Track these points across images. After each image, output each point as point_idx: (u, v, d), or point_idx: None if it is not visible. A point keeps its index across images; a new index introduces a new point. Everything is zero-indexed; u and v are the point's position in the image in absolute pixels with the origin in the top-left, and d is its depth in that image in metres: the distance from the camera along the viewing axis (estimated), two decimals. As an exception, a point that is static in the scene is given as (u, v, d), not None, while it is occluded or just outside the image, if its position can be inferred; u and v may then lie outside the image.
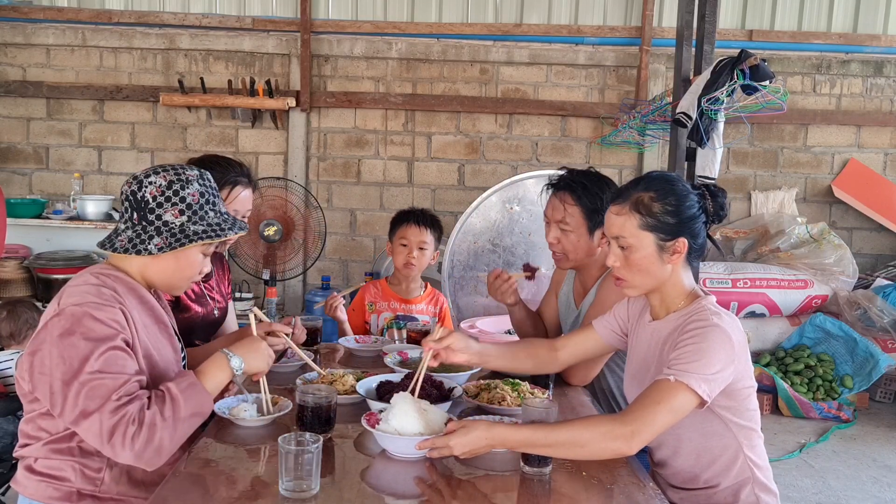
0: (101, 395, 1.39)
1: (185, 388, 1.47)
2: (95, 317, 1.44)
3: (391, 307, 2.88)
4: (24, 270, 4.71)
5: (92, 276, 1.54)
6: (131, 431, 1.38)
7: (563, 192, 2.19)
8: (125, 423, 1.38)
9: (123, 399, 1.40)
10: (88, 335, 1.42)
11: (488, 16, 5.55)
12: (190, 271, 1.62)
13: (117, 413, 1.39)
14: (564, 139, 5.62)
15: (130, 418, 1.39)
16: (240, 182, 2.11)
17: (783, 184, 5.69)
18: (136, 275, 1.60)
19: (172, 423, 1.43)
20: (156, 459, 1.43)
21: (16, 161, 5.59)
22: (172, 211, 1.55)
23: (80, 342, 1.41)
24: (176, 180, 1.56)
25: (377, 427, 1.55)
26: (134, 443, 1.38)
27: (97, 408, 1.38)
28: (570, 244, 2.19)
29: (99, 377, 1.40)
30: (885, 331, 4.69)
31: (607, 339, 1.89)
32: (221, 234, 1.58)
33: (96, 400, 1.39)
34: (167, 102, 5.31)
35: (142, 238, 1.54)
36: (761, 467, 1.67)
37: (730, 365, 1.52)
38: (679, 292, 1.68)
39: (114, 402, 1.39)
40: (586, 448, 1.46)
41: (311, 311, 5.10)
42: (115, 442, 1.38)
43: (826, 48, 5.57)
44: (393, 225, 2.90)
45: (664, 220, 1.62)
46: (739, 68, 3.02)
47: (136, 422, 1.39)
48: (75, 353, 1.41)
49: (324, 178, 5.64)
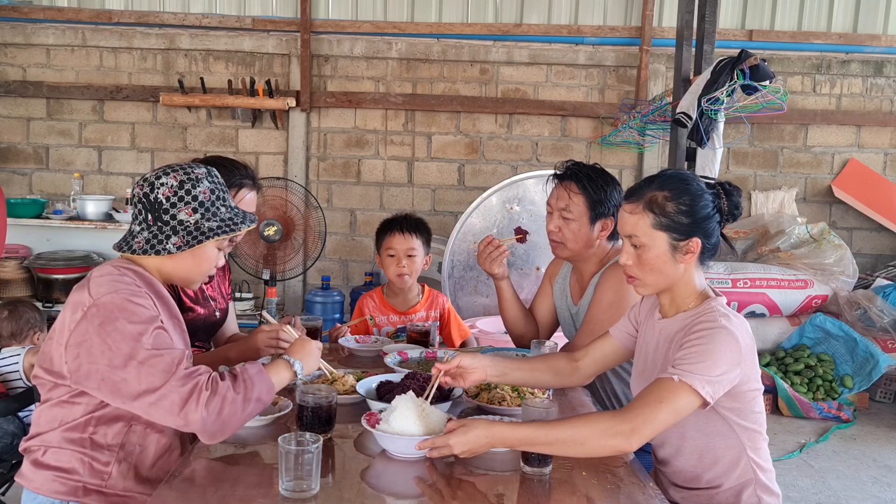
0: (165, 369, 1.42)
1: (257, 373, 1.53)
2: (135, 301, 1.48)
3: (390, 321, 2.81)
4: (24, 270, 4.71)
5: (115, 268, 1.56)
6: (205, 396, 1.41)
7: (569, 181, 2.22)
8: (199, 389, 1.42)
9: (190, 371, 1.44)
10: (132, 318, 1.45)
11: (488, 16, 5.55)
12: (207, 266, 1.66)
13: (189, 380, 1.42)
14: (564, 139, 5.62)
15: (203, 384, 1.43)
16: (245, 184, 2.12)
17: (783, 184, 5.69)
18: (154, 271, 1.63)
19: (242, 401, 1.47)
20: (220, 432, 1.45)
21: (16, 161, 5.59)
22: (186, 210, 1.58)
23: (126, 326, 1.44)
24: (186, 179, 1.59)
25: (377, 427, 1.55)
26: (208, 407, 1.41)
27: (164, 381, 1.41)
28: (571, 233, 2.21)
29: (156, 353, 1.43)
30: (885, 331, 4.69)
31: (625, 343, 1.87)
32: (235, 228, 1.62)
33: (161, 374, 1.41)
34: (167, 102, 5.31)
35: (159, 238, 1.57)
36: (764, 469, 1.66)
37: (735, 367, 1.52)
38: (690, 292, 1.67)
39: (182, 371, 1.43)
40: (586, 445, 1.45)
41: (312, 311, 5.11)
42: (189, 408, 1.40)
43: (826, 48, 5.58)
44: (378, 236, 2.82)
45: (678, 219, 1.60)
46: (739, 68, 3.02)
47: (209, 388, 1.43)
48: (123, 336, 1.43)
49: (324, 178, 5.64)
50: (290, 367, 1.64)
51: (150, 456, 1.61)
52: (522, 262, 3.82)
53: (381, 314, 2.83)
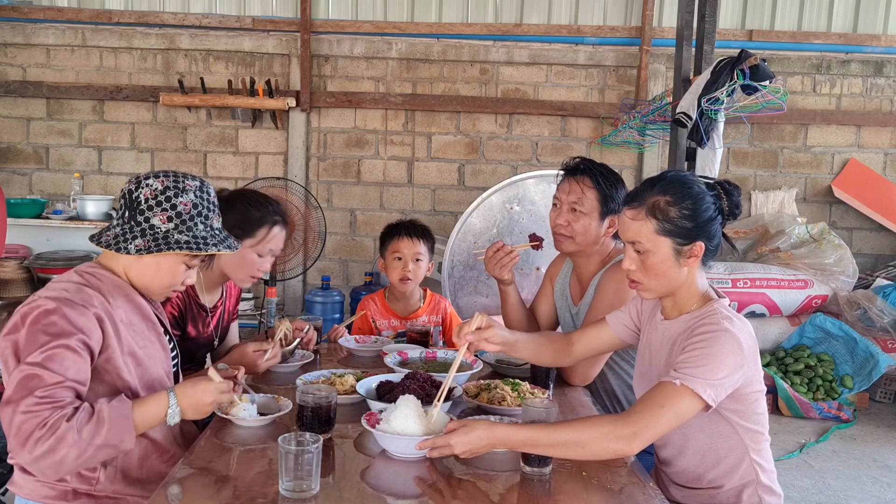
0: (27, 388, 1.38)
1: (116, 417, 1.43)
2: (62, 313, 1.44)
3: (391, 325, 2.80)
4: (24, 270, 4.71)
5: (77, 274, 1.57)
6: (37, 435, 1.35)
7: (583, 175, 2.23)
8: (35, 426, 1.36)
9: (45, 401, 1.38)
10: (48, 329, 1.42)
11: (488, 16, 5.55)
12: (169, 279, 1.61)
13: (32, 412, 1.37)
14: (564, 139, 5.62)
15: (42, 422, 1.36)
16: (277, 222, 2.14)
17: (783, 184, 5.69)
18: (122, 274, 1.62)
19: (86, 445, 1.38)
20: (51, 472, 1.40)
21: (16, 161, 5.59)
22: (161, 216, 1.55)
23: (37, 334, 1.42)
24: (172, 186, 1.56)
25: (377, 427, 1.55)
26: (35, 448, 1.35)
27: (18, 399, 1.38)
28: (581, 227, 2.21)
29: (35, 369, 1.39)
30: (885, 331, 4.69)
31: (620, 335, 1.88)
32: (204, 248, 1.56)
33: (21, 391, 1.38)
34: (167, 102, 5.31)
35: (126, 237, 1.55)
36: (766, 470, 1.66)
37: (738, 370, 1.51)
38: (693, 294, 1.66)
39: (35, 398, 1.37)
40: (587, 448, 1.45)
41: (312, 311, 5.11)
42: (19, 440, 1.37)
43: (826, 48, 5.58)
44: (383, 240, 2.81)
45: (681, 224, 1.59)
46: (739, 68, 3.02)
47: (47, 427, 1.36)
48: (28, 342, 1.42)
49: (324, 178, 5.64)
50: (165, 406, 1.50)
51: (135, 458, 1.60)
52: (522, 262, 3.82)
53: (383, 318, 2.82)
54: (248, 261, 2.09)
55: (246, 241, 2.07)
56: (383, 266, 2.81)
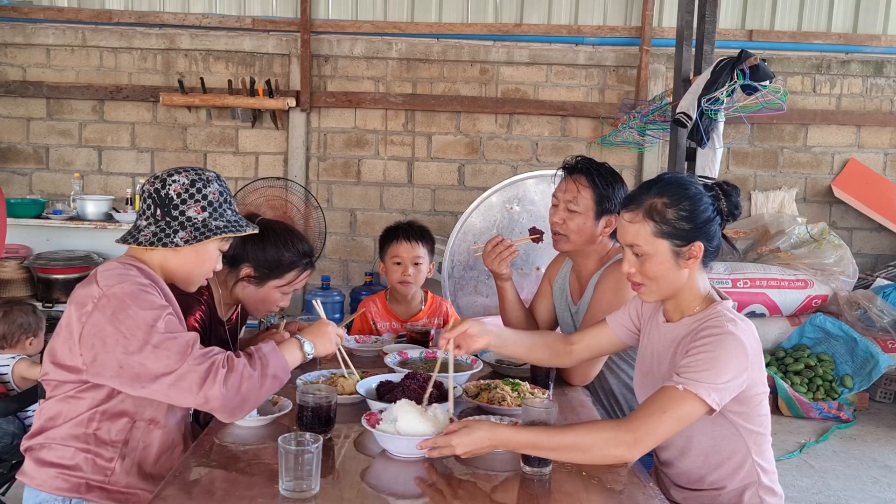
0: (180, 351, 1.45)
1: (271, 350, 1.58)
2: (145, 290, 1.52)
3: (392, 328, 2.80)
4: (24, 270, 4.71)
5: (120, 264, 1.59)
6: (222, 374, 1.45)
7: (579, 174, 2.23)
8: (216, 367, 1.46)
9: (205, 349, 1.48)
10: (144, 305, 1.49)
11: (488, 16, 5.55)
12: (209, 265, 1.70)
13: (206, 359, 1.46)
14: (564, 139, 5.62)
15: (221, 362, 1.47)
16: (308, 266, 2.16)
17: (783, 184, 5.69)
18: (157, 268, 1.65)
19: (260, 377, 1.51)
20: (239, 409, 1.49)
21: (16, 161, 5.59)
22: (195, 207, 1.62)
23: (139, 313, 1.47)
24: (198, 179, 1.64)
25: (377, 427, 1.55)
26: (226, 384, 1.45)
27: (181, 361, 1.44)
28: (576, 225, 2.21)
29: (171, 337, 1.47)
30: (885, 331, 4.69)
31: (620, 336, 1.88)
32: (241, 229, 1.68)
33: (177, 356, 1.45)
34: (167, 102, 5.31)
35: (167, 232, 1.60)
36: (767, 471, 1.66)
37: (742, 373, 1.51)
38: (694, 296, 1.66)
39: (197, 351, 1.46)
40: (588, 453, 1.46)
41: (312, 311, 5.11)
42: (208, 385, 1.44)
43: (826, 48, 5.57)
44: (382, 243, 2.79)
45: (679, 226, 1.59)
46: (739, 68, 3.02)
47: (226, 366, 1.47)
48: (137, 322, 1.46)
49: (324, 178, 5.64)
50: (300, 346, 1.67)
51: (154, 452, 1.62)
52: (522, 261, 3.82)
53: (384, 320, 2.82)
54: (271, 299, 2.12)
55: (273, 280, 2.08)
56: (383, 269, 2.81)
